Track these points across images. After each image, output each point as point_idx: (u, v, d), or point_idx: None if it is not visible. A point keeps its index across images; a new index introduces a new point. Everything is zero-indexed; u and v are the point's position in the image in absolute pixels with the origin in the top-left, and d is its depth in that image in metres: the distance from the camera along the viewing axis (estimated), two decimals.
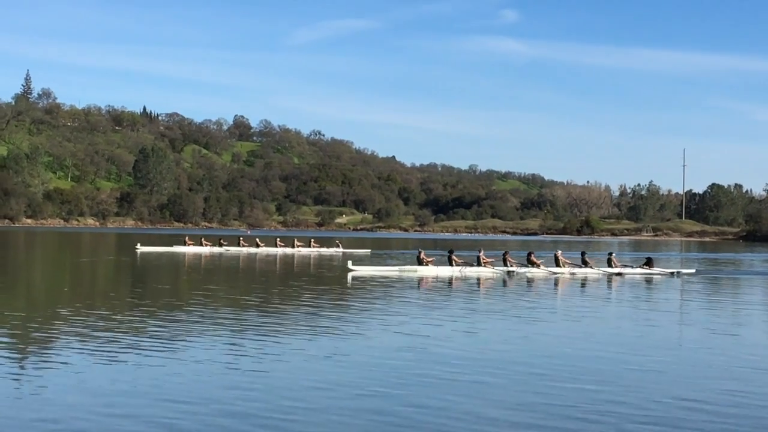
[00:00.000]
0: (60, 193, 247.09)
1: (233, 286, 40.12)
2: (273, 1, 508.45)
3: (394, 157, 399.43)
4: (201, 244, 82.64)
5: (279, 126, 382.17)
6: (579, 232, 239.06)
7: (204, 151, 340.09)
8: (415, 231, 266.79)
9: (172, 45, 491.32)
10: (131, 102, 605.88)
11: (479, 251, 54.41)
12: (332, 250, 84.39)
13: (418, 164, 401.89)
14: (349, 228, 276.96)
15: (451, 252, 53.12)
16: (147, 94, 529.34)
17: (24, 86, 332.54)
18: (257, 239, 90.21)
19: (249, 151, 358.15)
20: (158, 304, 29.51)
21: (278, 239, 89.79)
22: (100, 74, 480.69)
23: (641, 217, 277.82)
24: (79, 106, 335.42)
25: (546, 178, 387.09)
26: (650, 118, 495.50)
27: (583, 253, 55.68)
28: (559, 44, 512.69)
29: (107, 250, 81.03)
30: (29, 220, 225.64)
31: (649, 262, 55.53)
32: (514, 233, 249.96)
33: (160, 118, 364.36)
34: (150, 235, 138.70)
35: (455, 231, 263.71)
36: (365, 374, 17.08)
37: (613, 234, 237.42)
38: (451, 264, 51.17)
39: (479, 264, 51.78)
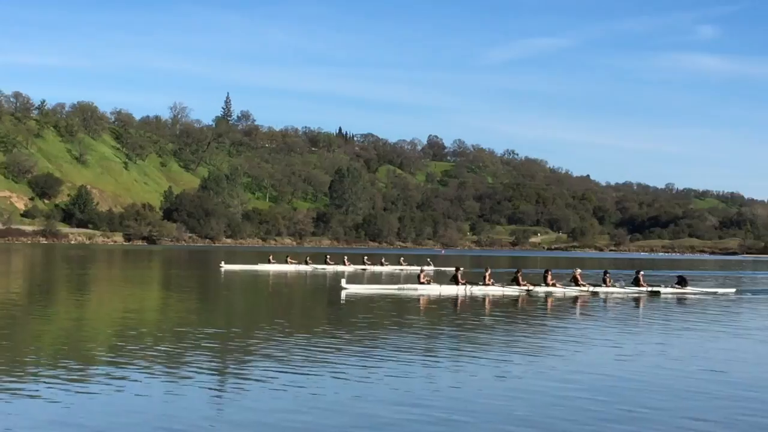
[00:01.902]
0: (258, 213, 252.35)
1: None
2: (466, 21, 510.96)
3: (588, 176, 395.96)
4: (286, 263, 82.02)
5: (472, 145, 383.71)
6: None
7: (398, 171, 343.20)
8: (611, 251, 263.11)
9: (367, 66, 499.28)
10: (327, 123, 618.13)
11: (486, 270, 53.78)
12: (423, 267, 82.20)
13: (612, 183, 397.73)
14: (543, 247, 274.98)
15: (457, 269, 52.13)
16: (343, 115, 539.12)
17: (224, 109, 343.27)
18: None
19: (443, 170, 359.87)
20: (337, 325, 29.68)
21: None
22: (297, 96, 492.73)
23: None
24: (277, 127, 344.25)
25: (746, 196, 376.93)
26: None
27: (605, 273, 54.08)
28: (760, 59, 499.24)
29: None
30: (229, 240, 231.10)
31: (681, 282, 53.58)
32: (713, 253, 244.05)
33: (355, 138, 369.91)
34: (346, 254, 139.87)
35: (651, 250, 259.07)
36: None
37: None
38: (456, 282, 50.12)
39: (485, 283, 50.93)
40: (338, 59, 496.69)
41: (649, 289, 51.04)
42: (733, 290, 54.49)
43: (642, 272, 54.19)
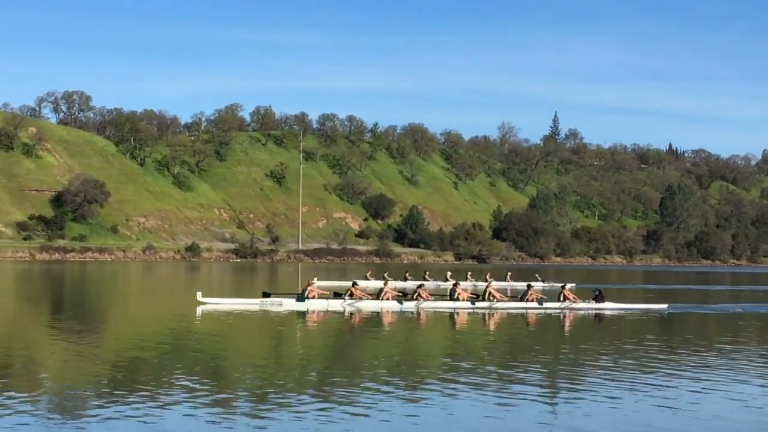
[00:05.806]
0: (587, 231, 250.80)
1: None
2: None
3: None
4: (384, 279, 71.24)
5: None
6: None
7: (731, 187, 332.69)
8: None
9: (696, 80, 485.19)
10: (657, 139, 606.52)
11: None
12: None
13: None
14: None
15: (354, 284, 48.55)
16: (673, 131, 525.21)
17: (552, 127, 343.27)
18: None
19: None
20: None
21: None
22: (626, 113, 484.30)
23: None
24: (605, 145, 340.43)
25: None
26: None
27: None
28: None
29: None
30: (558, 258, 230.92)
31: (599, 297, 47.72)
32: None
33: (686, 154, 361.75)
34: (678, 273, 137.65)
35: None
36: None
37: None
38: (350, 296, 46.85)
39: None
40: (667, 74, 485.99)
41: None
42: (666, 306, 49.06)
43: (568, 286, 50.55)
